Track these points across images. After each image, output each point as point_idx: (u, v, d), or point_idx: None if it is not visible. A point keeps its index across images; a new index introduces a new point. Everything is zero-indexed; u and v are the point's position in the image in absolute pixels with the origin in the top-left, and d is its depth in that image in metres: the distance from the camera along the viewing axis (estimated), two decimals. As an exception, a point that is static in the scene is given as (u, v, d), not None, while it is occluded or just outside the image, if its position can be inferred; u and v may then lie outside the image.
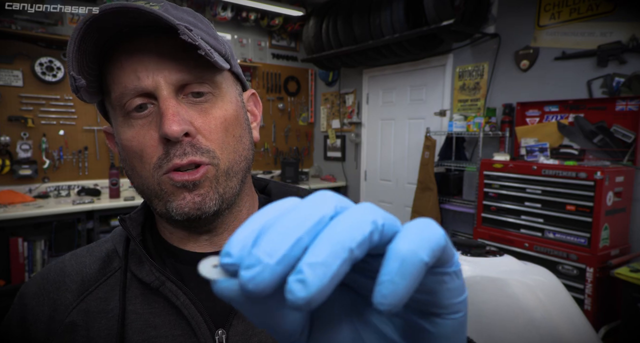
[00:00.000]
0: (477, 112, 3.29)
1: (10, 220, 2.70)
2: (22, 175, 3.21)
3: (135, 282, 0.48)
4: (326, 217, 0.17)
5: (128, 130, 0.45)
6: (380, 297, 0.16)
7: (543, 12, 2.87)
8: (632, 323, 2.05)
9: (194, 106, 0.45)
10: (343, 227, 0.16)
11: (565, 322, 1.22)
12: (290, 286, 0.15)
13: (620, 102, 2.49)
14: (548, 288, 1.28)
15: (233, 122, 0.48)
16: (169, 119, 0.42)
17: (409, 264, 0.16)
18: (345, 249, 0.16)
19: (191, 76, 0.44)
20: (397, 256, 0.16)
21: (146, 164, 0.45)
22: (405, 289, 0.16)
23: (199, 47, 0.40)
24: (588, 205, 2.27)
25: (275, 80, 4.73)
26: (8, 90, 3.18)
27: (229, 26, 4.30)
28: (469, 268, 1.38)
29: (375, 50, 3.57)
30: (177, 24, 0.39)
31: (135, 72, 0.43)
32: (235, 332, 0.45)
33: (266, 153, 4.74)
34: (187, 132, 0.43)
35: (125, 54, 0.43)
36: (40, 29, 3.22)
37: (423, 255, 0.16)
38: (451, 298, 0.19)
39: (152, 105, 0.44)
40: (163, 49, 0.43)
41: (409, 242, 0.17)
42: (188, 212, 0.44)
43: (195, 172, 0.44)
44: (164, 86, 0.43)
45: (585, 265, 2.26)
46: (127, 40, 0.44)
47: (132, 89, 0.43)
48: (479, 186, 2.83)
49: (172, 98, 0.43)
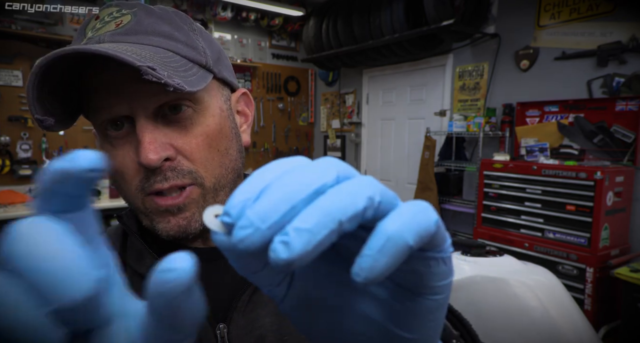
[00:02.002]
0: (477, 112, 3.29)
1: (10, 220, 2.70)
2: (22, 175, 3.21)
3: (136, 278, 0.48)
4: (326, 185, 0.18)
5: (108, 146, 0.44)
6: (358, 269, 0.16)
7: (543, 12, 2.87)
8: (632, 323, 2.05)
9: (172, 125, 0.43)
10: (338, 198, 0.17)
11: (565, 322, 1.22)
12: (275, 246, 0.16)
13: (620, 102, 2.49)
14: (548, 288, 1.28)
15: (216, 136, 0.45)
16: (145, 147, 0.40)
17: (392, 244, 0.16)
18: (334, 221, 0.16)
19: (168, 97, 0.42)
20: (383, 234, 0.17)
21: (129, 184, 0.44)
22: (384, 267, 0.16)
23: (167, 84, 0.37)
24: (588, 205, 2.27)
25: (275, 80, 4.73)
26: (8, 90, 3.18)
27: (229, 26, 4.30)
28: (469, 268, 1.38)
29: (375, 50, 3.58)
30: (139, 66, 0.36)
31: (108, 99, 0.41)
32: (236, 326, 0.45)
33: (266, 153, 4.74)
34: (167, 157, 0.42)
35: (97, 80, 0.41)
36: (40, 29, 3.22)
37: (409, 238, 0.17)
38: (435, 281, 0.19)
39: (130, 125, 0.43)
40: (137, 74, 0.39)
41: (398, 222, 0.17)
42: (174, 235, 0.44)
43: (178, 196, 0.43)
44: (140, 112, 0.41)
45: (585, 265, 2.27)
46: (99, 66, 0.41)
47: (107, 113, 0.42)
48: (479, 186, 2.83)
49: (148, 123, 0.42)
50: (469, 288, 1.34)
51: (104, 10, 0.44)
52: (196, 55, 0.44)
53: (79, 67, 0.42)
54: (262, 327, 0.46)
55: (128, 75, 0.40)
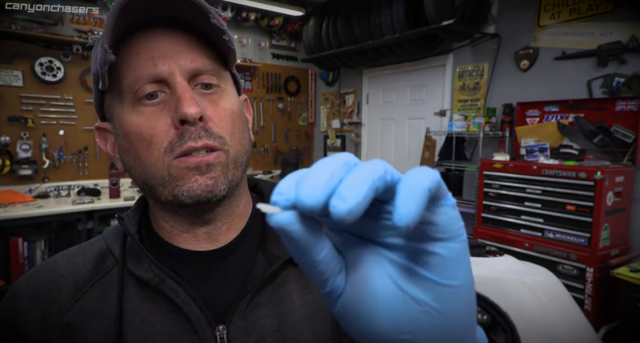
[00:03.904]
0: (477, 112, 3.29)
1: (10, 220, 2.70)
2: (22, 175, 3.21)
3: (132, 280, 0.48)
4: (350, 164, 0.22)
5: (137, 117, 0.46)
6: (399, 216, 0.20)
7: (543, 12, 2.87)
8: (632, 323, 2.05)
9: (204, 97, 0.47)
10: (365, 168, 0.21)
11: (565, 322, 1.22)
12: (334, 202, 0.19)
13: (620, 102, 2.49)
14: (548, 288, 1.28)
15: (238, 115, 0.50)
16: (187, 100, 0.43)
17: (416, 190, 0.20)
18: (370, 179, 0.20)
19: (205, 67, 0.47)
20: (407, 186, 0.20)
21: (155, 149, 0.45)
22: (417, 208, 0.20)
23: (224, 33, 0.44)
24: (588, 205, 2.27)
25: (275, 80, 4.73)
26: (8, 90, 3.18)
27: (229, 26, 4.30)
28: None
29: (375, 50, 3.57)
30: (209, 8, 0.42)
31: (152, 59, 0.45)
32: (235, 327, 0.45)
33: (266, 153, 4.74)
34: (202, 116, 0.45)
35: (142, 41, 0.45)
36: (40, 29, 3.22)
37: (426, 184, 0.21)
38: (453, 224, 0.23)
39: (164, 94, 0.46)
40: (179, 39, 0.46)
41: (414, 176, 0.21)
42: (200, 195, 0.45)
43: (208, 155, 0.45)
44: (178, 73, 0.45)
45: (585, 265, 2.26)
46: (143, 30, 0.46)
47: (147, 75, 0.45)
48: (479, 186, 2.83)
49: (187, 85, 0.45)
50: (469, 288, 1.34)
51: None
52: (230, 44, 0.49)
53: (128, 30, 0.45)
54: (262, 328, 0.46)
55: (171, 41, 0.46)
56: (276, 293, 0.48)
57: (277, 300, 0.48)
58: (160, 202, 0.48)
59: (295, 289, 0.49)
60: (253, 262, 0.50)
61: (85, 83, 3.50)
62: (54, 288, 0.48)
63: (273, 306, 0.47)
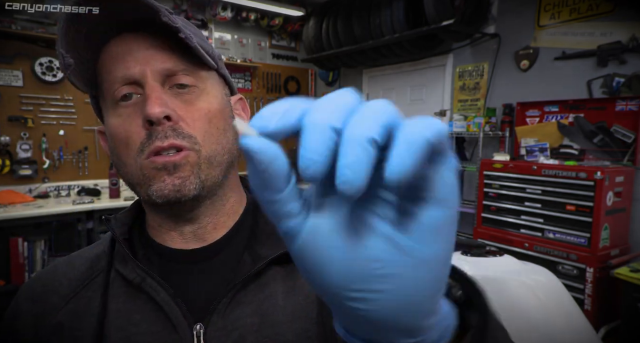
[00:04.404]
0: (477, 112, 3.29)
1: (10, 220, 2.70)
2: (22, 175, 3.21)
3: (120, 280, 0.49)
4: (354, 107, 0.20)
5: (116, 119, 0.47)
6: (390, 169, 0.18)
7: (543, 12, 2.87)
8: (632, 323, 2.05)
9: (178, 97, 0.47)
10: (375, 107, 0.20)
11: (565, 322, 1.22)
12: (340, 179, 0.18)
13: (620, 102, 2.49)
14: (548, 288, 1.28)
15: (217, 115, 0.49)
16: (152, 101, 0.44)
17: (416, 142, 0.18)
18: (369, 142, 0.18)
19: (177, 67, 0.47)
20: (406, 135, 0.19)
21: (131, 150, 0.46)
22: (411, 162, 0.18)
23: (179, 30, 0.43)
24: (588, 205, 2.27)
25: (275, 80, 4.73)
26: (8, 90, 3.18)
27: (229, 26, 4.30)
28: (468, 268, 1.38)
29: (375, 50, 3.57)
30: (158, 6, 0.42)
31: (124, 61, 0.46)
32: (215, 327, 0.45)
33: (266, 153, 4.74)
34: (168, 115, 0.45)
35: (116, 46, 0.47)
36: (40, 29, 3.22)
37: (428, 134, 0.18)
38: (446, 190, 0.21)
39: (139, 95, 0.47)
40: (152, 42, 0.47)
41: (415, 125, 0.19)
42: (167, 195, 0.45)
43: (175, 155, 0.45)
44: (149, 74, 0.46)
45: (585, 265, 2.26)
46: (118, 35, 0.47)
47: (121, 77, 0.46)
48: (479, 186, 2.83)
49: (157, 85, 0.46)
50: (469, 288, 1.34)
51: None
52: (204, 44, 0.50)
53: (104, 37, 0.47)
54: (243, 327, 0.46)
55: (144, 44, 0.46)
56: (260, 293, 0.48)
57: (260, 299, 0.47)
58: (144, 201, 0.50)
59: (279, 290, 0.48)
60: (239, 261, 0.50)
61: (85, 83, 3.50)
62: (50, 289, 0.51)
63: (255, 306, 0.47)
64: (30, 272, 2.91)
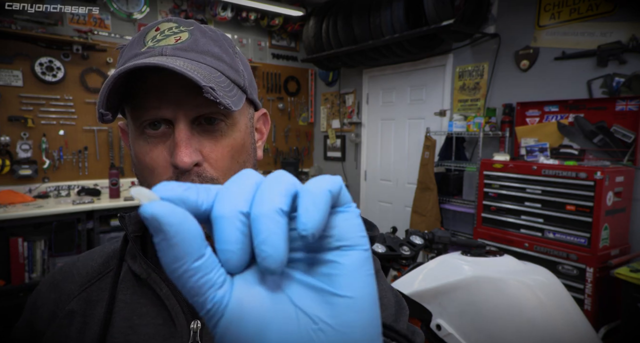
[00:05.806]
0: (477, 112, 3.29)
1: (10, 220, 2.70)
2: (22, 175, 3.21)
3: (130, 274, 0.52)
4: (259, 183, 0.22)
5: (143, 144, 0.49)
6: (302, 224, 0.19)
7: (543, 12, 2.87)
8: (632, 323, 2.05)
9: (205, 134, 0.49)
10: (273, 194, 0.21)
11: (565, 322, 1.22)
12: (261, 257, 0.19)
13: (620, 102, 2.49)
14: (548, 288, 1.28)
15: (239, 149, 0.51)
16: (182, 151, 0.45)
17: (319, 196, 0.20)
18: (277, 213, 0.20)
19: (208, 110, 0.48)
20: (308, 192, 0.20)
21: (157, 177, 0.48)
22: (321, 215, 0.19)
23: (221, 104, 0.43)
24: (588, 205, 2.27)
25: (275, 80, 4.73)
26: (8, 90, 3.18)
27: (229, 26, 4.30)
28: (468, 268, 1.38)
29: (375, 50, 3.57)
30: (202, 86, 0.42)
31: (159, 101, 0.46)
32: None
33: (266, 153, 4.74)
34: (197, 162, 0.47)
35: (153, 82, 0.47)
36: (40, 29, 3.22)
37: (327, 187, 0.21)
38: (354, 232, 0.22)
39: (166, 127, 0.48)
40: (186, 83, 0.46)
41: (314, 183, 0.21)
42: None
43: None
44: (181, 118, 0.47)
45: (585, 265, 2.26)
46: (155, 72, 0.47)
47: (152, 115, 0.47)
48: (479, 186, 2.83)
49: (187, 129, 0.47)
50: (469, 288, 1.34)
51: (164, 23, 0.50)
52: (237, 77, 0.51)
53: (138, 72, 0.47)
54: None
55: (177, 85, 0.46)
56: None
57: None
58: None
59: None
60: None
61: (85, 83, 3.50)
62: (68, 278, 0.56)
63: None
64: (30, 272, 2.91)
